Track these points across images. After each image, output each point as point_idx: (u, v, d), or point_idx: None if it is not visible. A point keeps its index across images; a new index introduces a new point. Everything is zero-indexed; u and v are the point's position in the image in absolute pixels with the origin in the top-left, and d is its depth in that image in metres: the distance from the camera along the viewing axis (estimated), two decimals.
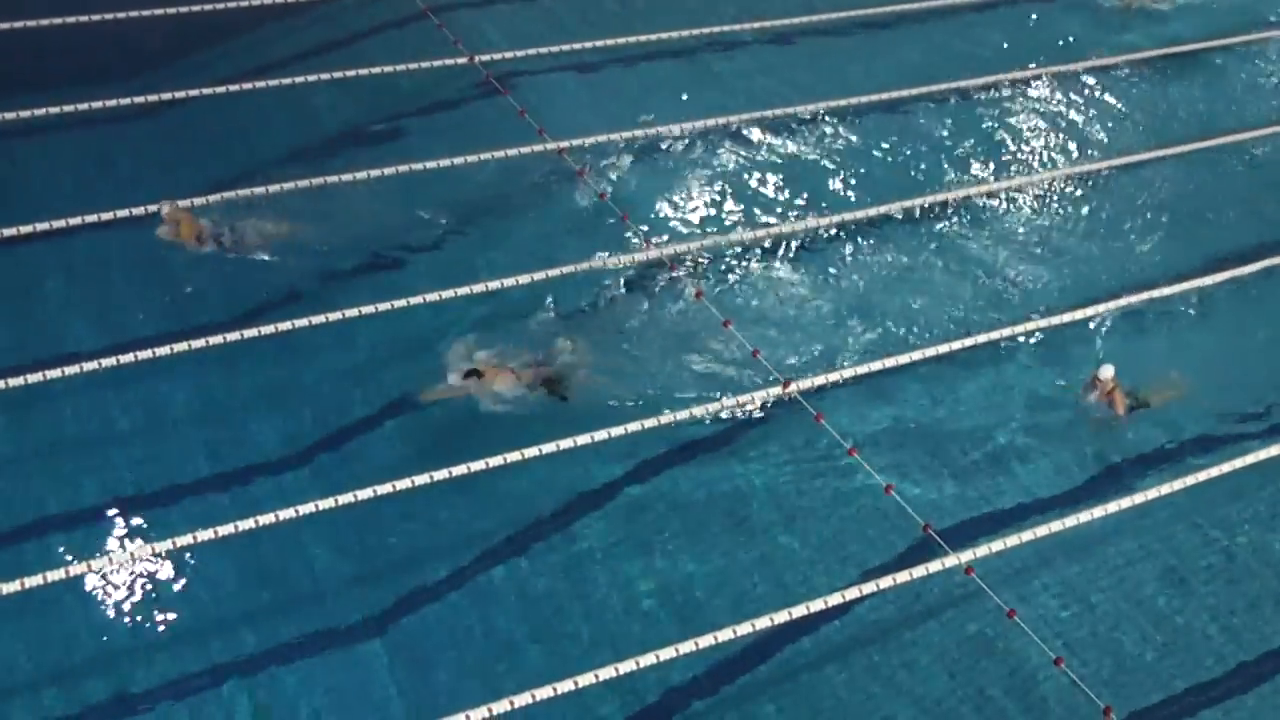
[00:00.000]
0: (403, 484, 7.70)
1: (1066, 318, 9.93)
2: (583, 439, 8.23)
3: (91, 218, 9.33)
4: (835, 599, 7.58)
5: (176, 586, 7.44)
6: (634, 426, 8.42)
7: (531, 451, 8.03)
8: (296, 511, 7.47)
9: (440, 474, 7.80)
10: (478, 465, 7.89)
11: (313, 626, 7.37)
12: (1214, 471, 8.72)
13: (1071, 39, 13.60)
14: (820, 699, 7.34)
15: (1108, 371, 8.95)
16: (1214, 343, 10.11)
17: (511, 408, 8.52)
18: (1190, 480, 8.64)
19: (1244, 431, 9.23)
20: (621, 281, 9.78)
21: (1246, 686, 7.70)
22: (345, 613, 7.46)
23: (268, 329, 8.65)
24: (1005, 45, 13.36)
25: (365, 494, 7.63)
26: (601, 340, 9.29)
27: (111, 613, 7.31)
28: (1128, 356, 9.62)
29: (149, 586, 7.43)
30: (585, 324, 9.42)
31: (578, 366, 8.92)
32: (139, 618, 7.29)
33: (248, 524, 7.38)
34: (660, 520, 8.20)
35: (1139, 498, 8.48)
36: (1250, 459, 8.86)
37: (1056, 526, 8.19)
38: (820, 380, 9.06)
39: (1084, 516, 8.28)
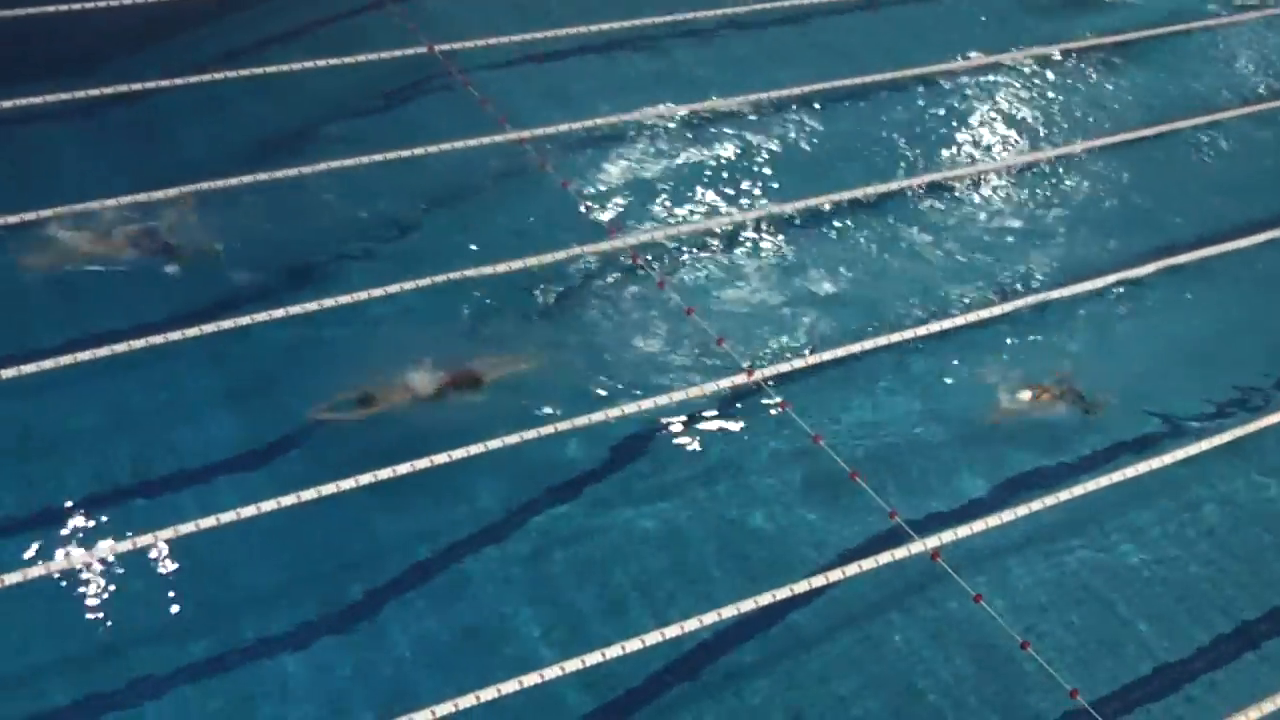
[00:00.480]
0: (346, 484, 7.53)
1: (1029, 301, 9.96)
2: (546, 429, 8.12)
3: (47, 212, 9.09)
4: (801, 586, 7.43)
5: (116, 594, 7.18)
6: (597, 416, 8.30)
7: (495, 444, 7.89)
8: (237, 515, 7.34)
9: (404, 468, 7.64)
10: (422, 464, 7.72)
11: (251, 634, 7.15)
12: (1179, 454, 8.74)
13: (1029, 25, 13.58)
14: (785, 686, 7.21)
15: (1000, 414, 8.98)
16: (1170, 330, 10.15)
17: (452, 406, 8.36)
18: (1155, 464, 8.63)
19: (1197, 417, 9.26)
20: (583, 271, 9.62)
21: (1211, 668, 7.70)
22: (280, 621, 7.25)
23: (222, 325, 8.47)
24: (966, 33, 13.31)
25: (309, 495, 7.44)
26: (562, 331, 9.16)
27: (40, 625, 7.00)
28: (1076, 343, 9.72)
29: (85, 595, 7.15)
30: (545, 315, 9.29)
31: (520, 361, 8.81)
32: (71, 629, 7.00)
33: (187, 528, 7.25)
34: (621, 510, 8.05)
35: (1104, 480, 8.46)
36: (1205, 445, 8.88)
37: (1023, 511, 8.13)
38: (785, 368, 8.98)
39: (1049, 501, 8.25)
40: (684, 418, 8.67)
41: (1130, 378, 9.51)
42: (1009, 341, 9.74)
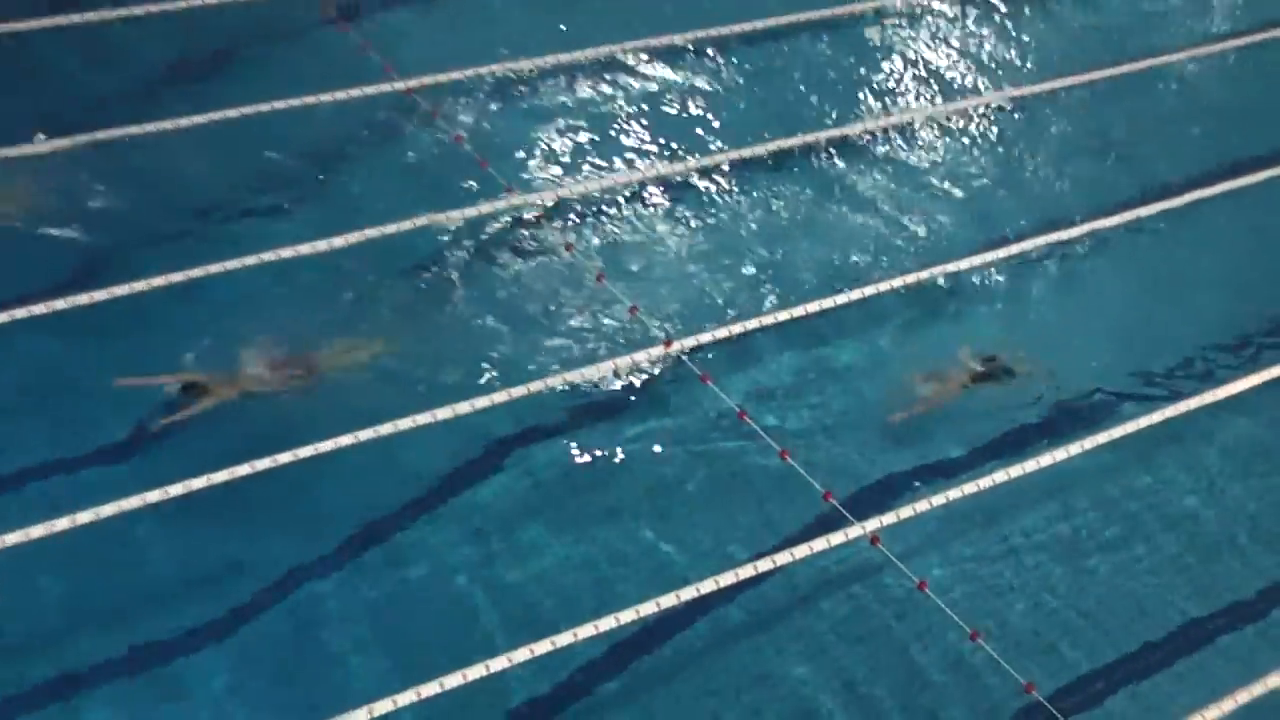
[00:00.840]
0: (219, 477, 7.23)
1: (966, 264, 9.79)
2: (443, 413, 7.82)
3: None
4: (728, 578, 7.30)
5: None
6: (499, 397, 8.06)
7: (386, 428, 7.61)
8: (48, 529, 6.92)
9: (273, 459, 7.35)
10: (307, 451, 7.43)
11: (47, 674, 6.73)
12: (1126, 428, 8.64)
13: None
14: (716, 685, 7.11)
15: (927, 389, 8.80)
16: (1117, 292, 10.06)
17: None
18: (1101, 439, 8.53)
19: (1150, 391, 9.14)
20: (481, 235, 9.33)
21: (1170, 661, 7.63)
22: (79, 657, 6.83)
23: (33, 311, 8.00)
24: None
25: (176, 490, 7.12)
26: (455, 302, 8.89)
27: None
28: (1017, 311, 9.65)
29: None
30: (435, 285, 8.99)
31: (402, 339, 8.49)
32: None
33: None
34: (530, 500, 7.83)
35: (1052, 457, 8.36)
36: (1157, 417, 8.76)
37: (970, 489, 8.05)
38: (706, 337, 8.78)
39: (1000, 477, 8.16)
40: (594, 395, 8.44)
41: (1075, 349, 9.41)
42: (946, 308, 9.60)
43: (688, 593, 7.20)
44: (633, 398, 8.49)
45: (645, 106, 10.84)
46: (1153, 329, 9.74)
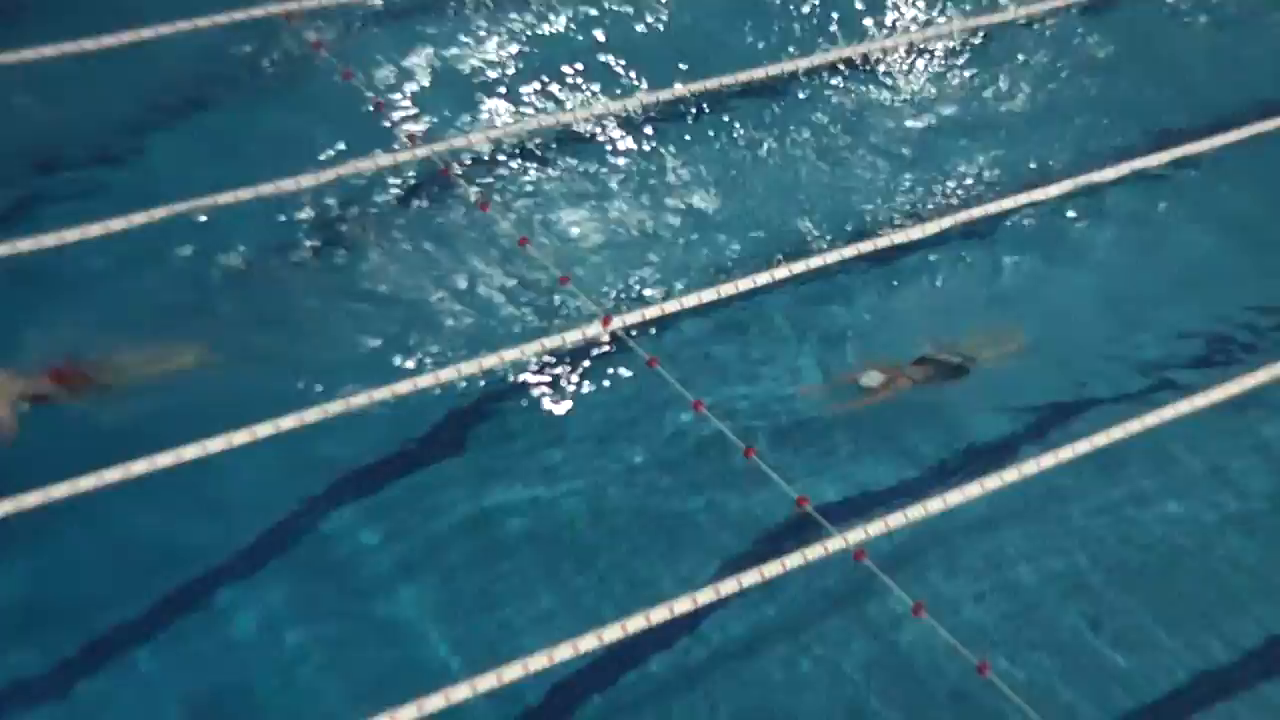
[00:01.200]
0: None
1: (961, 218, 9.44)
2: (340, 407, 7.36)
3: None
4: (685, 605, 6.90)
5: None
6: (403, 388, 7.56)
7: (265, 429, 7.11)
8: None
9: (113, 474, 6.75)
10: (166, 459, 6.87)
11: None
12: (1129, 429, 8.17)
13: None
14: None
15: (873, 378, 8.42)
16: (1117, 260, 9.67)
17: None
18: (1102, 441, 8.09)
19: (1163, 382, 8.77)
20: (376, 193, 9.01)
21: (1201, 705, 7.28)
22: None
23: None
24: None
25: None
26: (342, 275, 8.51)
27: None
28: (1017, 276, 9.33)
29: None
30: (316, 255, 8.60)
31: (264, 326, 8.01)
32: None
33: None
34: (441, 515, 7.43)
35: (1076, 450, 7.96)
36: (1153, 420, 8.29)
37: (975, 493, 7.66)
38: (653, 313, 8.42)
39: (1010, 477, 7.78)
40: (519, 386, 8.12)
41: (1071, 332, 9.05)
42: (932, 273, 9.29)
43: (636, 623, 6.78)
44: (565, 385, 8.16)
45: (575, 33, 10.48)
46: (1165, 307, 9.35)
